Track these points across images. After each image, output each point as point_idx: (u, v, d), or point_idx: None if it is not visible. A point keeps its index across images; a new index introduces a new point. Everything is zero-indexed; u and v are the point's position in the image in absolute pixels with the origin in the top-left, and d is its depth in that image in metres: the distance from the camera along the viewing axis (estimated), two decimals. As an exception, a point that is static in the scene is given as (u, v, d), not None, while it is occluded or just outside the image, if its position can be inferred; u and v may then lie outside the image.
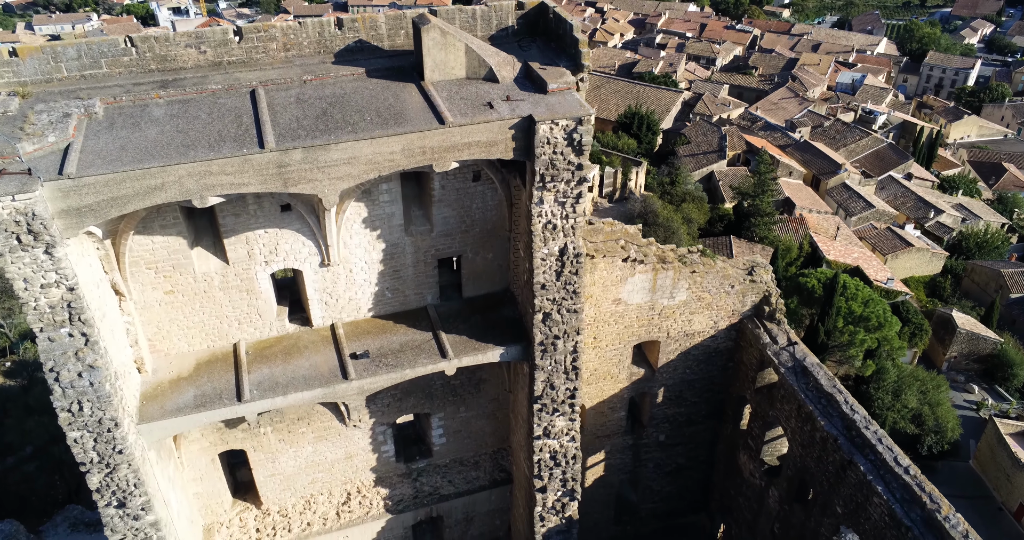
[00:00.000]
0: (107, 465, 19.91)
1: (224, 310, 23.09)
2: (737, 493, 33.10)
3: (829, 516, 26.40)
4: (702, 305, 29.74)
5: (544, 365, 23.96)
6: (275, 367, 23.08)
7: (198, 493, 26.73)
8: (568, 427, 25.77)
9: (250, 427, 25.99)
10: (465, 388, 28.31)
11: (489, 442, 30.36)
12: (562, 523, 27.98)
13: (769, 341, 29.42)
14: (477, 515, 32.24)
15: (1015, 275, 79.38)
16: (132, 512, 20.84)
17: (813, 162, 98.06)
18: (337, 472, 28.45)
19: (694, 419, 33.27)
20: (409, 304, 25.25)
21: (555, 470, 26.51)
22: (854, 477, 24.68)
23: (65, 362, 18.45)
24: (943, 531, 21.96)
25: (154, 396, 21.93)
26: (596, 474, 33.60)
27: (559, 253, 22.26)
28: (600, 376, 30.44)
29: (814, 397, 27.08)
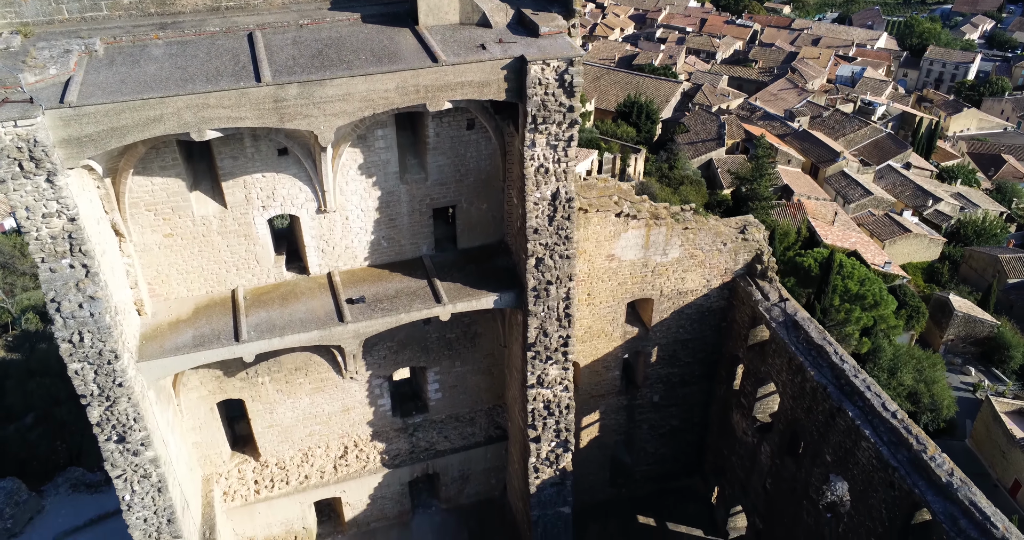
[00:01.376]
0: (107, 398, 20.30)
1: (222, 255, 23.51)
2: (730, 453, 33.45)
3: (819, 465, 26.75)
4: (695, 263, 30.12)
5: (537, 311, 24.35)
6: (272, 311, 23.49)
7: (197, 442, 27.11)
8: (561, 376, 26.16)
9: (248, 377, 26.41)
10: (460, 342, 28.70)
11: (485, 398, 30.73)
12: (556, 475, 28.36)
13: (761, 298, 29.80)
14: (473, 473, 32.62)
15: (1012, 261, 79.68)
16: (132, 447, 21.23)
17: (812, 150, 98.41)
18: (334, 425, 28.83)
19: (688, 380, 33.63)
20: (405, 254, 25.65)
21: (549, 420, 26.89)
22: (843, 424, 25.04)
23: (66, 293, 18.85)
24: (929, 470, 22.32)
25: (153, 337, 22.34)
26: (591, 435, 33.95)
27: (551, 197, 22.65)
28: (594, 334, 30.80)
29: (804, 349, 27.46)
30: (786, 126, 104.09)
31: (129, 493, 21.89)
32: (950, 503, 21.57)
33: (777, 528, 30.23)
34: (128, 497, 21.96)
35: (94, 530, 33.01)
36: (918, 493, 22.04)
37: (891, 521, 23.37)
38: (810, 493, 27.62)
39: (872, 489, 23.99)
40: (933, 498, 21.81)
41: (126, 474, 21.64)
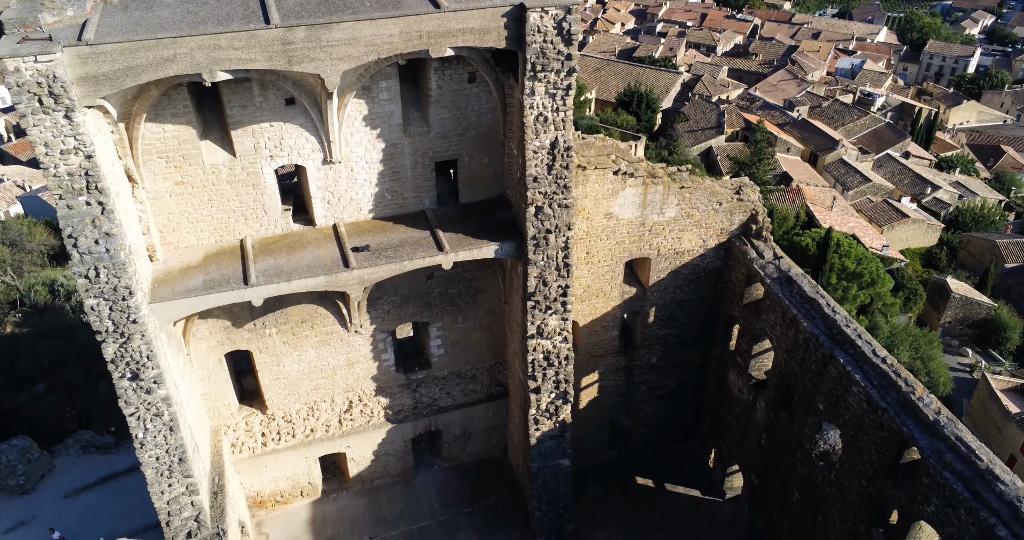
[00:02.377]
0: (121, 334, 21.03)
1: (231, 204, 24.25)
2: (727, 412, 34.13)
3: (812, 415, 27.42)
4: (691, 222, 30.81)
5: (537, 260, 25.07)
6: (280, 258, 24.23)
7: (206, 394, 27.84)
8: (560, 326, 26.86)
9: (256, 328, 27.15)
10: (462, 298, 29.42)
11: (486, 356, 31.44)
12: (555, 427, 29.05)
13: (756, 256, 30.48)
14: (475, 432, 33.34)
15: (1010, 245, 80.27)
16: (145, 385, 21.96)
17: (811, 139, 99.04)
18: (339, 379, 29.56)
19: (685, 341, 34.31)
20: (408, 207, 26.38)
21: (548, 371, 27.59)
22: (834, 371, 25.71)
23: (82, 229, 19.59)
24: (917, 410, 22.99)
25: (165, 281, 23.09)
26: (590, 396, 34.62)
27: (550, 146, 23.36)
28: (593, 293, 31.49)
29: (798, 303, 28.14)
30: (785, 115, 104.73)
31: (142, 431, 22.61)
32: (937, 439, 22.22)
33: (772, 482, 30.90)
34: (141, 435, 22.68)
35: (104, 488, 33.70)
36: (906, 431, 22.71)
37: (880, 462, 24.03)
38: (803, 443, 28.29)
39: (863, 432, 24.65)
40: (920, 435, 22.48)
41: (139, 412, 22.36)
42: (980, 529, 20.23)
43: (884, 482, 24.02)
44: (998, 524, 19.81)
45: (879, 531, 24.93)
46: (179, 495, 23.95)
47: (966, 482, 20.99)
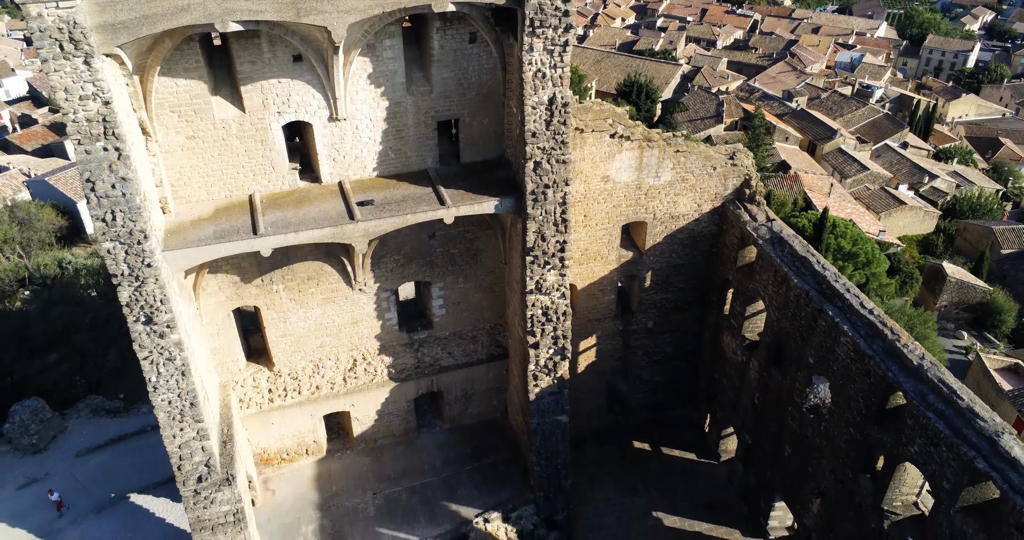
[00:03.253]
0: (136, 278, 21.90)
1: (240, 159, 25.13)
2: (721, 375, 34.97)
3: (802, 369, 28.26)
4: (686, 187, 31.66)
5: (535, 215, 25.92)
6: (288, 212, 25.10)
7: (215, 349, 28.71)
8: (558, 282, 27.72)
9: (263, 284, 28.03)
10: (463, 258, 30.29)
11: (486, 317, 32.29)
12: (554, 383, 29.90)
13: (749, 219, 31.34)
14: (475, 393, 34.21)
15: (1006, 232, 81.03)
16: (158, 329, 22.84)
17: (809, 129, 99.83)
18: (344, 337, 30.42)
19: (681, 306, 35.16)
20: (411, 166, 27.25)
21: (547, 326, 28.44)
22: (824, 324, 26.55)
23: (100, 173, 20.47)
24: (902, 356, 23.82)
25: (177, 231, 23.96)
26: (588, 360, 35.48)
27: (548, 102, 24.22)
28: (591, 257, 32.35)
29: (789, 261, 28.98)
30: (784, 105, 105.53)
31: (155, 375, 23.49)
32: (920, 382, 23.06)
33: (764, 440, 31.74)
34: (154, 379, 23.57)
35: (114, 449, 34.59)
36: (892, 377, 23.53)
37: (867, 409, 24.86)
38: (795, 399, 29.13)
39: (850, 381, 25.49)
40: (905, 379, 23.31)
41: (152, 356, 23.24)
42: (960, 463, 21.07)
43: (871, 428, 24.85)
44: (977, 457, 20.64)
45: (866, 476, 25.76)
46: (190, 440, 24.82)
47: (947, 421, 21.82)
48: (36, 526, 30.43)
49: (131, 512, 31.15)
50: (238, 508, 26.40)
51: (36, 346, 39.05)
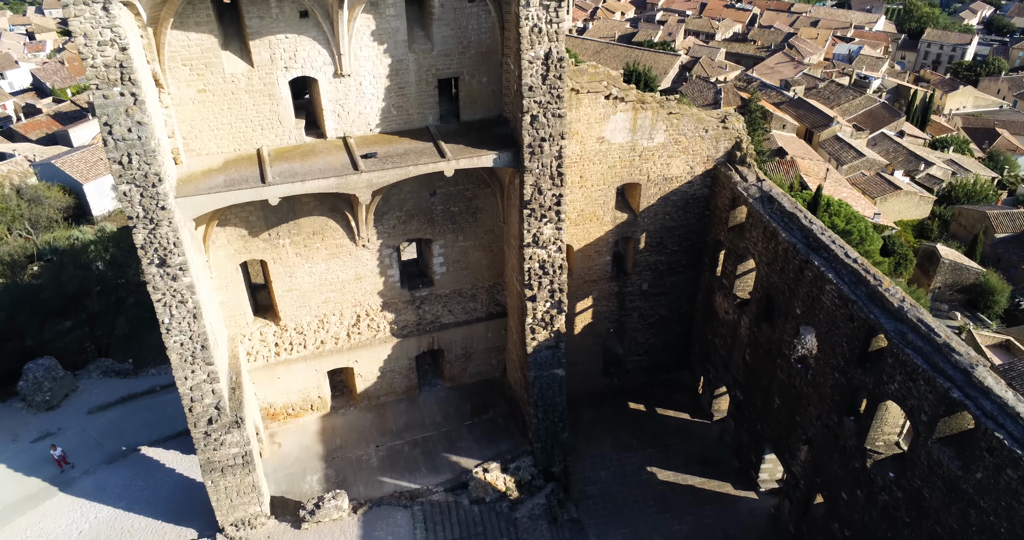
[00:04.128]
0: (151, 221, 22.95)
1: (249, 113, 26.16)
2: (714, 335, 35.99)
3: (790, 321, 29.27)
4: (679, 149, 32.68)
5: (532, 168, 26.96)
6: (294, 164, 26.15)
7: (224, 302, 29.74)
8: (555, 236, 28.75)
9: (270, 238, 29.07)
10: (463, 216, 31.33)
11: (486, 276, 33.32)
12: (551, 337, 30.93)
13: (740, 180, 32.36)
14: (475, 352, 35.25)
15: (1000, 216, 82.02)
16: (171, 272, 23.88)
17: (806, 117, 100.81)
18: (348, 293, 31.46)
19: (675, 268, 36.18)
20: (412, 123, 28.29)
21: (543, 279, 29.48)
22: (810, 274, 27.57)
23: (117, 117, 21.51)
24: (883, 299, 24.83)
25: (188, 181, 25.00)
26: (585, 321, 36.50)
27: (544, 57, 25.25)
28: (586, 217, 33.37)
29: (778, 217, 30.01)
30: (782, 94, 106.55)
31: (168, 317, 24.54)
32: (900, 323, 24.07)
33: (755, 394, 32.76)
34: (167, 320, 24.61)
35: (124, 406, 35.63)
36: (874, 319, 24.54)
37: (851, 352, 25.87)
38: (783, 350, 30.15)
39: (835, 327, 26.50)
40: (886, 321, 24.32)
41: (165, 298, 24.28)
42: (936, 395, 22.08)
43: (854, 371, 25.87)
44: (952, 388, 21.66)
45: (850, 419, 26.77)
46: (201, 382, 25.87)
47: (925, 356, 22.84)
48: (51, 476, 31.48)
49: (142, 463, 32.19)
50: (246, 450, 27.45)
51: (48, 312, 40.10)
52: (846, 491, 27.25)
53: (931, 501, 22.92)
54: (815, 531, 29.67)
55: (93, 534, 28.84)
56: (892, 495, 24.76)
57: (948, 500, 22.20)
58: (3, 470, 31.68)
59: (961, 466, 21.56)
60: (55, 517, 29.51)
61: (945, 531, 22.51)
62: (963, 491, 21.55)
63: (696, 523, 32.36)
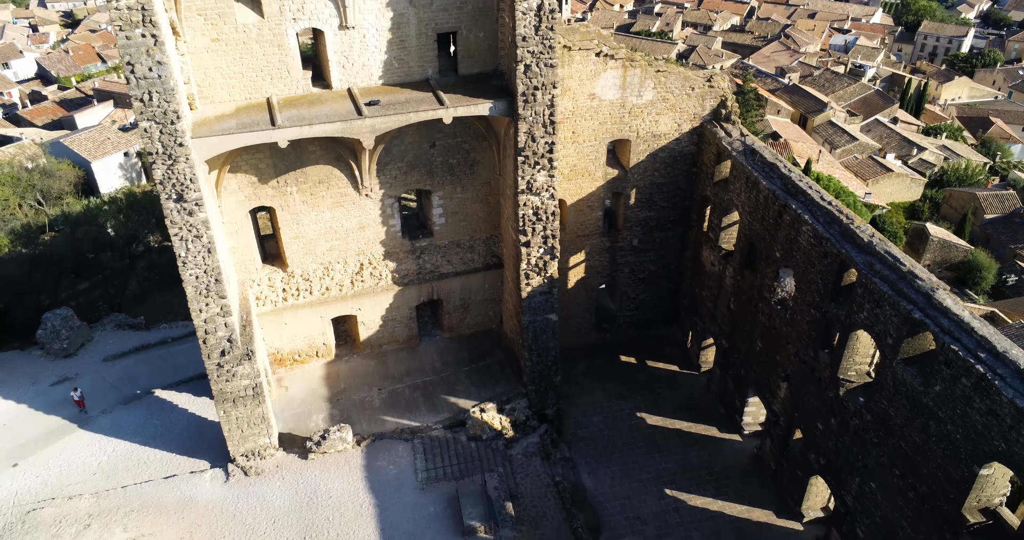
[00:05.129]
0: (169, 157, 24.62)
1: (259, 63, 27.83)
2: (701, 288, 37.65)
3: (771, 265, 30.92)
4: (666, 106, 34.32)
5: (526, 115, 28.61)
6: (302, 110, 27.82)
7: (234, 247, 31.39)
8: (547, 183, 30.40)
9: (279, 186, 30.74)
10: (461, 168, 32.99)
11: (483, 228, 34.99)
12: (544, 282, 32.58)
13: (724, 135, 34.02)
14: (473, 303, 36.93)
15: (990, 197, 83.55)
16: (188, 207, 25.56)
17: (800, 102, 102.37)
18: (352, 242, 33.12)
19: (664, 224, 37.83)
20: (413, 75, 29.94)
21: (537, 225, 31.13)
22: (788, 218, 29.22)
23: (139, 57, 23.17)
24: (855, 236, 26.48)
25: (203, 124, 26.65)
26: (578, 276, 38.15)
27: (537, 8, 26.89)
28: (579, 173, 35.01)
29: (759, 167, 31.67)
30: (777, 81, 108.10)
31: (184, 250, 26.22)
32: (869, 256, 25.71)
33: (739, 339, 34.42)
34: (183, 254, 26.29)
35: (137, 356, 37.29)
36: (845, 253, 26.19)
37: (825, 288, 27.53)
38: (764, 295, 31.81)
39: (811, 266, 28.15)
40: (857, 254, 25.96)
41: (182, 233, 25.97)
42: (900, 317, 23.74)
43: (828, 305, 27.53)
44: (914, 309, 23.32)
45: (824, 352, 28.43)
46: (214, 315, 27.55)
47: (891, 284, 24.49)
48: (69, 415, 33.15)
49: (156, 404, 33.88)
50: (256, 383, 29.13)
51: (64, 270, 41.76)
52: (821, 421, 28.91)
53: (896, 419, 24.59)
54: (794, 464, 31.36)
55: (111, 465, 30.52)
56: (862, 419, 26.43)
57: (911, 415, 23.86)
58: (25, 409, 33.37)
59: (922, 382, 23.22)
60: (75, 450, 31.19)
61: (908, 445, 24.19)
62: (924, 405, 23.22)
63: (683, 462, 34.01)
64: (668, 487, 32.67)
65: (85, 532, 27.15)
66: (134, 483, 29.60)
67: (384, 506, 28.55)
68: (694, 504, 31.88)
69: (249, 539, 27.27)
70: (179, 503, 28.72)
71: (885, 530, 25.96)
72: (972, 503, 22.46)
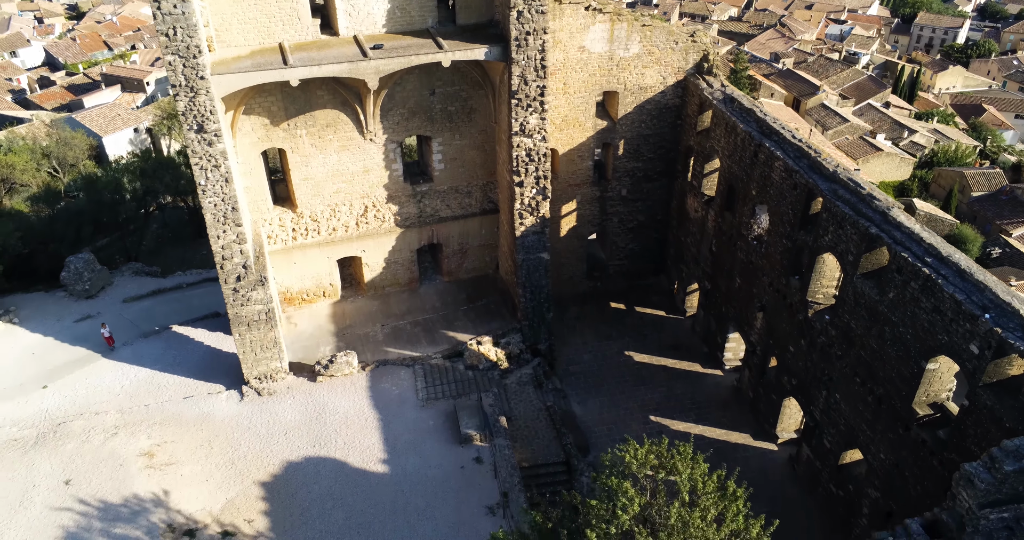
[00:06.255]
0: (191, 89, 26.91)
1: (272, 9, 30.09)
2: (686, 236, 39.91)
3: (747, 203, 33.18)
4: (652, 59, 36.56)
5: (519, 59, 30.88)
6: (312, 53, 30.10)
7: (248, 187, 33.67)
8: (539, 125, 32.66)
9: (289, 128, 33.01)
10: (459, 116, 35.26)
11: (479, 174, 37.25)
12: (537, 222, 34.85)
13: (706, 86, 36.27)
14: (471, 248, 39.22)
15: (976, 175, 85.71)
16: (207, 137, 27.85)
17: (794, 86, 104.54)
18: (357, 185, 35.40)
19: (651, 175, 40.08)
20: (414, 24, 32.20)
21: (530, 166, 33.40)
22: (763, 156, 31.47)
23: (164, -6, 25.47)
24: (822, 167, 28.71)
25: (220, 64, 28.93)
26: (570, 224, 40.41)
27: (529, -42, 29.18)
28: (570, 123, 37.26)
29: (737, 113, 33.93)
30: (771, 66, 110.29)
31: (204, 179, 28.52)
32: (834, 183, 27.96)
33: (720, 279, 36.67)
34: (203, 183, 28.59)
35: (155, 298, 39.56)
36: (813, 182, 28.43)
37: (795, 217, 29.77)
38: (742, 232, 34.06)
39: (783, 198, 30.39)
40: (822, 183, 28.20)
41: (202, 162, 28.27)
42: (859, 234, 25.97)
43: (798, 234, 29.77)
44: (871, 226, 25.56)
45: (795, 278, 30.67)
46: (231, 242, 29.86)
47: (852, 206, 26.74)
48: (94, 346, 35.45)
49: (174, 337, 36.18)
50: (269, 308, 31.45)
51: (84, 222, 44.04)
52: (792, 344, 31.18)
53: (856, 330, 26.84)
54: (769, 389, 33.62)
55: (133, 388, 32.83)
56: (828, 336, 28.68)
57: (869, 324, 26.11)
58: (52, 342, 35.68)
59: (878, 292, 25.46)
60: (100, 375, 33.50)
61: (867, 352, 26.45)
62: (880, 313, 25.46)
63: (667, 393, 36.28)
64: (652, 414, 34.94)
65: (112, 438, 29.47)
66: (156, 402, 31.89)
67: (387, 420, 30.84)
68: (676, 428, 34.13)
69: (263, 447, 29.56)
70: (198, 418, 31.02)
71: (848, 436, 28.22)
72: (921, 398, 24.71)
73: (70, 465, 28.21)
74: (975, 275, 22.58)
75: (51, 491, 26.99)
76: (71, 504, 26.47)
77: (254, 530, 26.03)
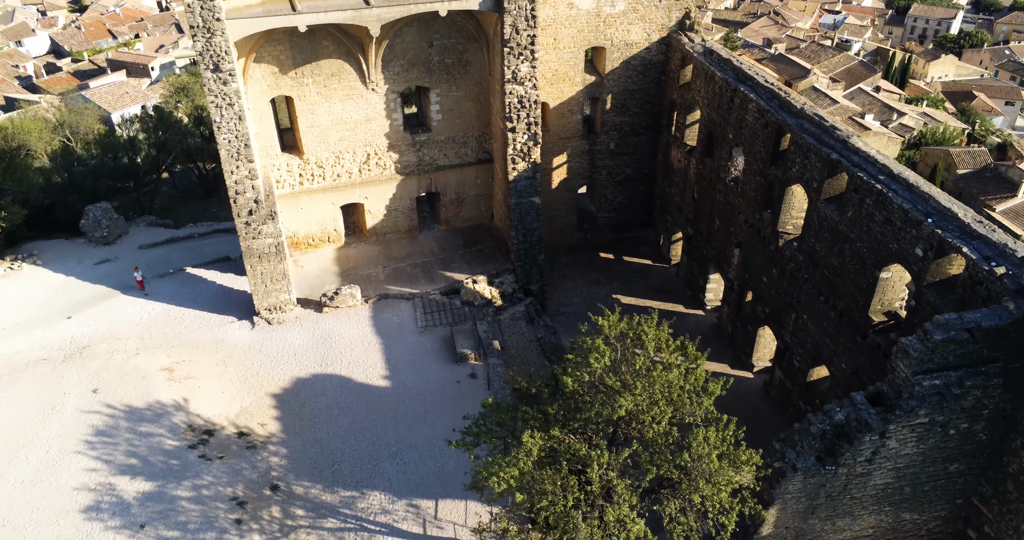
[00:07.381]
0: (208, 30, 29.23)
1: (282, -38, 32.45)
2: (670, 186, 42.25)
3: (724, 146, 35.52)
4: (637, 16, 38.89)
5: (510, 9, 33.20)
6: (318, 2, 32.42)
7: (258, 133, 35.99)
8: (530, 73, 34.98)
9: (296, 77, 35.32)
10: (456, 68, 37.59)
11: (475, 125, 39.57)
12: (528, 167, 37.17)
13: (688, 41, 38.60)
14: (467, 198, 41.55)
15: (962, 153, 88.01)
16: (223, 77, 30.18)
17: (785, 70, 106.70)
18: (360, 133, 37.72)
19: (637, 130, 42.42)
20: (413, -21, 34.56)
21: (521, 112, 35.72)
22: (738, 100, 33.79)
23: (184, -59, 27.80)
24: (791, 106, 31.06)
25: (233, 10, 31.24)
26: (560, 176, 42.75)
27: (519, -88, 31.51)
28: (560, 78, 39.59)
29: (716, 63, 36.27)
30: (763, 51, 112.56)
31: (219, 116, 30.84)
32: (800, 119, 30.29)
33: (701, 223, 39.00)
34: (218, 120, 30.92)
35: (169, 246, 41.88)
36: (782, 119, 30.77)
37: (766, 154, 32.10)
38: (720, 175, 36.38)
39: (756, 137, 32.71)
40: (791, 119, 30.53)
41: (217, 100, 30.60)
42: (822, 161, 28.31)
43: (769, 169, 32.10)
44: (831, 152, 27.90)
45: (767, 212, 32.99)
46: (243, 178, 32.19)
47: (816, 137, 29.08)
48: (113, 284, 37.78)
49: (188, 278, 38.51)
50: (279, 241, 33.79)
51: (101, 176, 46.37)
52: (766, 274, 33.51)
53: (820, 251, 29.18)
54: (745, 321, 35.95)
55: (152, 319, 35.16)
56: (796, 261, 31.01)
57: (831, 244, 28.44)
58: (74, 281, 38.01)
59: (839, 213, 27.79)
60: (120, 309, 35.83)
61: (830, 270, 28.77)
62: (840, 232, 27.79)
63: (651, 330, 38.54)
64: (637, 348, 37.20)
65: (135, 357, 31.81)
66: (173, 331, 34.22)
67: (388, 344, 33.17)
68: (659, 359, 36.40)
69: (274, 366, 31.90)
70: (213, 342, 33.35)
71: (815, 353, 30.55)
72: (877, 307, 27.04)
73: (97, 378, 30.56)
74: (921, 187, 24.94)
75: (80, 397, 29.35)
76: (99, 408, 28.81)
77: (267, 432, 28.36)
